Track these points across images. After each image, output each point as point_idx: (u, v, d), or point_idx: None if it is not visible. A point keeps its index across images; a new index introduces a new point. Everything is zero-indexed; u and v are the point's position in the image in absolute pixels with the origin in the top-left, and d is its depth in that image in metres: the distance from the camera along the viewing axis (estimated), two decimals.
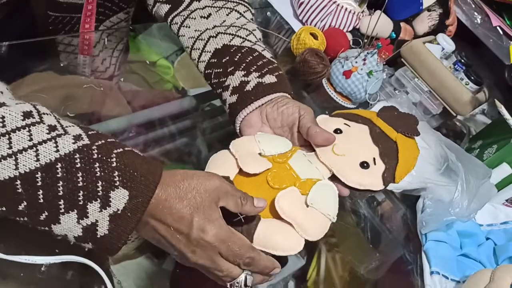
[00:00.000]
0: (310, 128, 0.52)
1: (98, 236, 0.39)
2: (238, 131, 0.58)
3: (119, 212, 0.38)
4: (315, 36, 0.87)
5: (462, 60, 0.91)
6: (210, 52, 0.60)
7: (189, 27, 0.62)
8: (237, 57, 0.58)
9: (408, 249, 0.75)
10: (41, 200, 0.37)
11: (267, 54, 0.60)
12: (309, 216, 0.47)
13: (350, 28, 0.96)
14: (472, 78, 0.88)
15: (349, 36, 0.94)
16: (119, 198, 0.38)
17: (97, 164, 0.38)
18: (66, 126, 0.39)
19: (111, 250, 0.40)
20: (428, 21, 1.03)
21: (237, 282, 0.44)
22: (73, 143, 0.38)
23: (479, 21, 0.99)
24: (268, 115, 0.55)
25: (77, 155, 0.38)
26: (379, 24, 0.85)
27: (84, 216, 0.38)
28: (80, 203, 0.38)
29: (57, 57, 0.70)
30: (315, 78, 0.83)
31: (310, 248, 0.87)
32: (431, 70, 0.85)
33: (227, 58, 0.58)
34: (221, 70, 0.58)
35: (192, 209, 0.41)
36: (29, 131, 0.37)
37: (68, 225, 0.38)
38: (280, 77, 0.57)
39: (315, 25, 0.95)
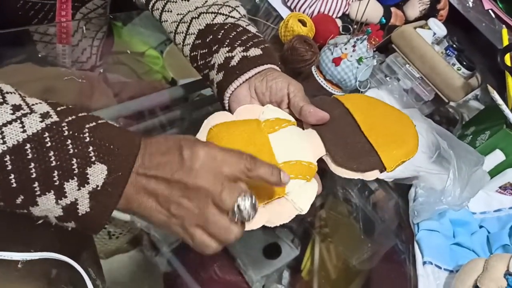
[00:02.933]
0: (303, 107, 0.50)
1: (80, 214, 0.37)
2: (227, 108, 0.56)
3: (98, 188, 0.37)
4: (303, 23, 0.85)
5: (454, 45, 0.89)
6: (194, 34, 0.58)
7: (171, 11, 0.60)
8: (220, 34, 0.56)
9: (401, 238, 0.74)
10: (14, 185, 0.35)
11: (252, 29, 0.58)
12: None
13: (340, 14, 0.94)
14: (464, 63, 0.87)
15: (339, 22, 0.92)
16: (97, 173, 0.37)
17: (69, 141, 0.36)
18: (32, 104, 0.37)
19: (95, 227, 0.39)
20: (419, 5, 1.01)
21: (239, 205, 0.40)
22: (41, 121, 0.36)
23: (471, 5, 0.97)
24: (256, 89, 0.53)
25: (46, 134, 0.36)
26: (369, 9, 0.83)
27: (62, 196, 0.36)
28: (56, 183, 0.36)
29: (34, 47, 0.68)
30: (304, 66, 0.82)
31: (304, 238, 0.86)
32: (423, 55, 0.83)
33: (211, 37, 0.56)
34: (206, 50, 0.56)
35: (177, 145, 0.39)
36: None
37: (47, 206, 0.37)
38: (265, 49, 0.55)
39: (303, 12, 0.93)
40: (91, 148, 0.37)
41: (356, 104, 0.55)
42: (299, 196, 0.46)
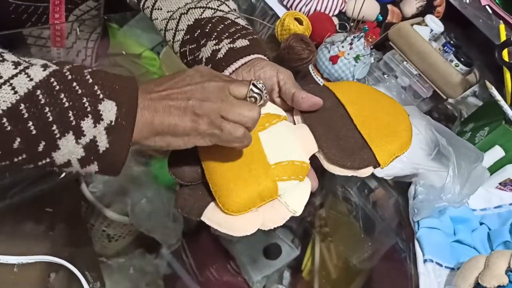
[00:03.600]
0: (295, 94, 0.50)
1: (101, 151, 0.39)
2: None
3: (112, 123, 0.38)
4: (300, 22, 0.85)
5: (452, 42, 0.89)
6: (183, 30, 0.58)
7: (161, 9, 0.60)
8: (208, 28, 0.56)
9: (401, 237, 0.74)
10: (34, 132, 0.36)
11: (241, 22, 0.57)
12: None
13: (336, 12, 0.94)
14: (462, 59, 0.86)
15: (335, 20, 0.92)
16: (108, 109, 0.38)
17: (75, 83, 0.38)
18: (29, 60, 0.39)
19: (117, 163, 0.40)
20: (416, 2, 1.01)
21: (252, 91, 0.44)
22: (43, 70, 0.37)
23: (467, 1, 0.97)
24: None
25: (53, 79, 0.37)
26: (365, 6, 0.83)
27: (81, 135, 0.38)
28: (73, 123, 0.37)
29: (28, 51, 0.68)
30: (301, 65, 0.81)
31: (304, 238, 0.86)
32: (420, 52, 0.83)
33: (199, 31, 0.56)
34: (194, 45, 0.56)
35: (179, 71, 0.43)
36: None
37: (69, 148, 0.38)
38: (253, 40, 0.55)
39: (299, 10, 0.92)
40: (96, 87, 0.38)
41: (348, 94, 0.53)
42: (293, 198, 0.45)
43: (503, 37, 0.82)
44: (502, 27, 0.84)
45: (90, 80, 0.38)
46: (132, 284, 0.79)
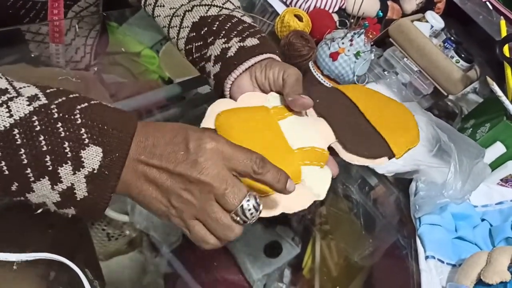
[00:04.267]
0: (287, 95, 0.50)
1: (78, 199, 0.36)
2: (228, 97, 0.55)
3: (95, 171, 0.35)
4: (299, 18, 0.85)
5: (452, 38, 0.89)
6: (188, 27, 0.57)
7: (163, 6, 0.60)
8: (215, 26, 0.55)
9: (402, 233, 0.74)
10: (6, 172, 0.34)
11: (247, 19, 0.58)
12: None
13: (336, 9, 0.93)
14: (463, 55, 0.86)
15: (335, 17, 0.92)
16: (92, 156, 0.35)
17: (60, 124, 0.35)
18: (20, 88, 0.36)
19: (95, 212, 0.37)
20: None
21: (242, 206, 0.39)
22: (28, 105, 0.34)
23: None
24: (257, 79, 0.53)
25: (35, 117, 0.34)
26: (366, 3, 0.83)
27: (58, 182, 0.35)
28: (50, 168, 0.35)
29: (26, 47, 0.67)
30: (301, 61, 0.81)
31: (305, 236, 0.86)
32: (421, 49, 0.83)
33: (206, 29, 0.56)
34: (201, 42, 0.56)
35: (183, 135, 0.38)
36: None
37: (43, 192, 0.35)
38: (262, 39, 0.55)
39: (299, 7, 0.92)
40: (83, 130, 0.35)
41: (357, 94, 0.55)
42: (316, 182, 0.46)
43: (503, 33, 0.82)
44: (502, 22, 0.83)
45: (79, 121, 0.35)
46: (132, 283, 0.78)
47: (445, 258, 0.66)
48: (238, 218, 0.39)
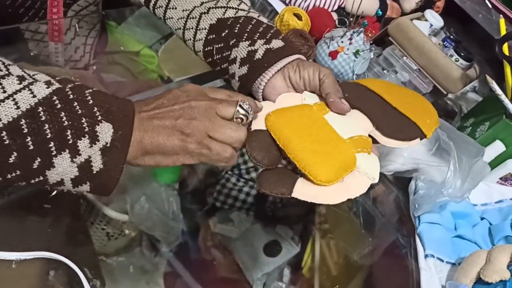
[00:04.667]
0: (327, 95, 0.53)
1: (94, 172, 0.39)
2: (260, 99, 0.58)
3: (108, 145, 0.39)
4: (299, 17, 0.84)
5: (451, 36, 0.89)
6: (205, 29, 0.59)
7: (175, 8, 0.60)
8: (237, 28, 0.57)
9: (402, 232, 0.74)
10: (31, 147, 0.37)
11: (264, 20, 0.60)
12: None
13: (335, 8, 0.93)
14: (462, 54, 0.86)
15: (334, 16, 0.91)
16: (105, 131, 0.39)
17: (76, 103, 0.39)
18: (33, 75, 0.40)
19: (109, 185, 0.41)
20: None
21: (239, 112, 0.45)
22: (47, 87, 0.38)
23: None
24: (291, 79, 0.55)
25: (55, 97, 0.38)
26: (365, 1, 0.82)
27: (77, 154, 0.38)
28: (70, 142, 0.38)
29: (25, 46, 0.67)
30: None
31: (304, 235, 0.86)
32: (420, 47, 0.83)
33: (226, 31, 0.58)
34: (222, 44, 0.58)
35: (165, 92, 0.45)
36: (0, 84, 0.37)
37: (63, 167, 0.38)
38: (285, 40, 0.58)
39: (298, 5, 0.92)
40: (96, 109, 0.39)
41: (379, 86, 0.60)
42: (369, 167, 0.49)
43: (503, 31, 0.82)
44: (502, 21, 0.83)
45: (91, 101, 0.39)
46: (132, 283, 0.78)
47: (444, 256, 0.66)
48: (239, 119, 0.45)
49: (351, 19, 0.80)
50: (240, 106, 0.45)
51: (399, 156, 0.71)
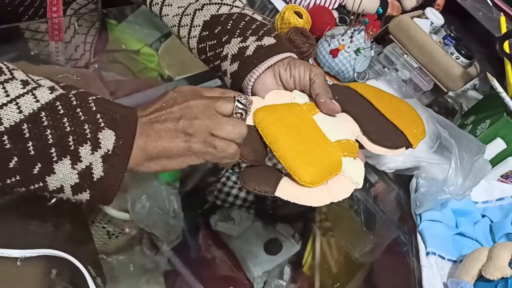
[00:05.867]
0: (318, 95, 0.52)
1: (95, 179, 0.39)
2: (250, 95, 0.57)
3: (109, 152, 0.39)
4: (299, 15, 0.84)
5: (452, 34, 0.89)
6: (199, 25, 0.58)
7: (171, 5, 0.60)
8: (230, 24, 0.57)
9: (403, 230, 0.74)
10: (32, 152, 0.37)
11: (258, 17, 0.59)
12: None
13: (336, 6, 0.93)
14: (463, 52, 0.86)
15: (335, 14, 0.91)
16: (107, 138, 0.39)
17: (79, 109, 0.38)
18: (37, 80, 0.40)
19: (109, 193, 0.40)
20: None
21: (238, 107, 0.45)
22: (50, 93, 0.38)
23: None
24: (281, 77, 0.55)
25: (58, 103, 0.38)
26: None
27: (78, 161, 0.38)
28: (71, 148, 0.38)
29: (26, 45, 0.67)
30: (301, 58, 0.80)
31: (305, 233, 0.86)
32: (421, 45, 0.82)
33: (219, 28, 0.57)
34: (215, 41, 0.57)
35: (161, 95, 0.44)
36: (4, 88, 0.37)
37: (64, 173, 0.38)
38: (278, 37, 0.57)
39: (299, 4, 0.92)
40: (99, 116, 0.39)
41: (368, 91, 0.59)
42: (354, 172, 0.49)
43: (503, 29, 0.82)
44: (502, 19, 0.83)
45: (94, 108, 0.39)
46: (132, 281, 0.78)
47: (446, 254, 0.66)
48: (239, 114, 0.45)
49: (352, 17, 0.79)
50: (238, 101, 0.45)
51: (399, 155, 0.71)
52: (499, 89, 0.74)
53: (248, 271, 0.82)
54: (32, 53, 0.68)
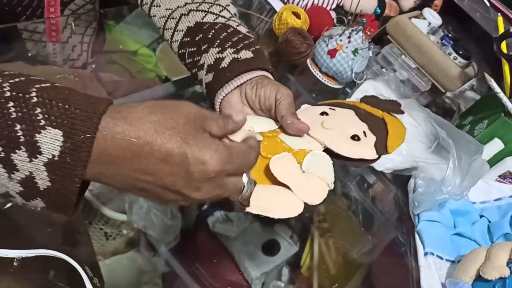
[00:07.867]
0: (283, 117, 0.50)
1: (41, 189, 0.31)
2: (218, 111, 0.55)
3: (55, 158, 0.30)
4: (297, 15, 0.84)
5: (450, 35, 0.89)
6: (182, 31, 0.57)
7: (159, 6, 0.59)
8: (211, 34, 0.56)
9: (401, 230, 0.73)
10: None
11: (243, 29, 0.58)
12: (307, 179, 0.45)
13: (334, 6, 0.93)
14: (460, 52, 0.86)
15: (333, 14, 0.91)
16: (50, 141, 0.30)
17: (11, 104, 0.30)
18: None
19: (65, 205, 0.33)
20: None
21: (244, 190, 0.39)
22: None
23: None
24: (247, 96, 0.53)
25: None
26: (363, 0, 0.82)
27: (14, 170, 0.31)
28: (2, 155, 0.30)
29: (23, 46, 0.67)
30: (299, 59, 0.81)
31: (303, 234, 0.85)
32: (418, 46, 0.83)
33: (201, 35, 0.56)
34: (195, 48, 0.56)
35: (180, 140, 0.33)
36: None
37: (1, 182, 0.31)
38: (256, 52, 0.55)
39: (297, 4, 0.92)
40: (38, 110, 0.30)
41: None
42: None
43: (501, 30, 0.82)
44: (500, 19, 0.83)
45: (34, 99, 0.30)
46: (130, 283, 0.78)
47: (444, 254, 0.66)
48: (246, 193, 0.39)
49: (350, 17, 0.80)
50: (246, 177, 0.39)
51: (398, 154, 0.71)
52: (497, 89, 0.74)
53: (246, 272, 0.81)
54: (29, 54, 0.68)
